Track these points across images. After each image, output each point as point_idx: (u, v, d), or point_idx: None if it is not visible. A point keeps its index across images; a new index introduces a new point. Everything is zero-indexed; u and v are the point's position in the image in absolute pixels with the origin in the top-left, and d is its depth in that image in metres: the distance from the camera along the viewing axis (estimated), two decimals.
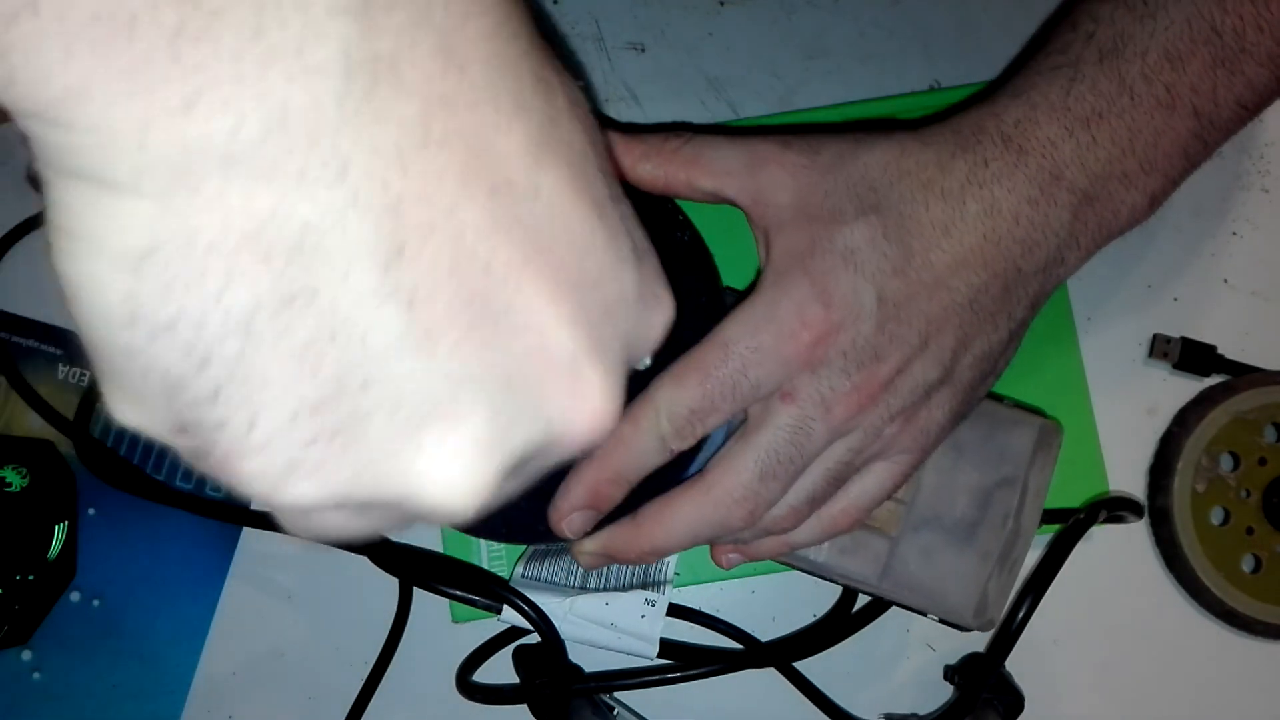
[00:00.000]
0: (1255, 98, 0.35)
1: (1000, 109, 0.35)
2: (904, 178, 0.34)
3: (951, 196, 0.33)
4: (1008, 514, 0.39)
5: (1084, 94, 0.34)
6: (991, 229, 0.33)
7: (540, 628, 0.41)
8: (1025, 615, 0.41)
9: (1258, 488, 0.45)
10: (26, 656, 0.46)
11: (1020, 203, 0.33)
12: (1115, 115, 0.34)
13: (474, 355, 0.18)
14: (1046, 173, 0.33)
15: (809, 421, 0.34)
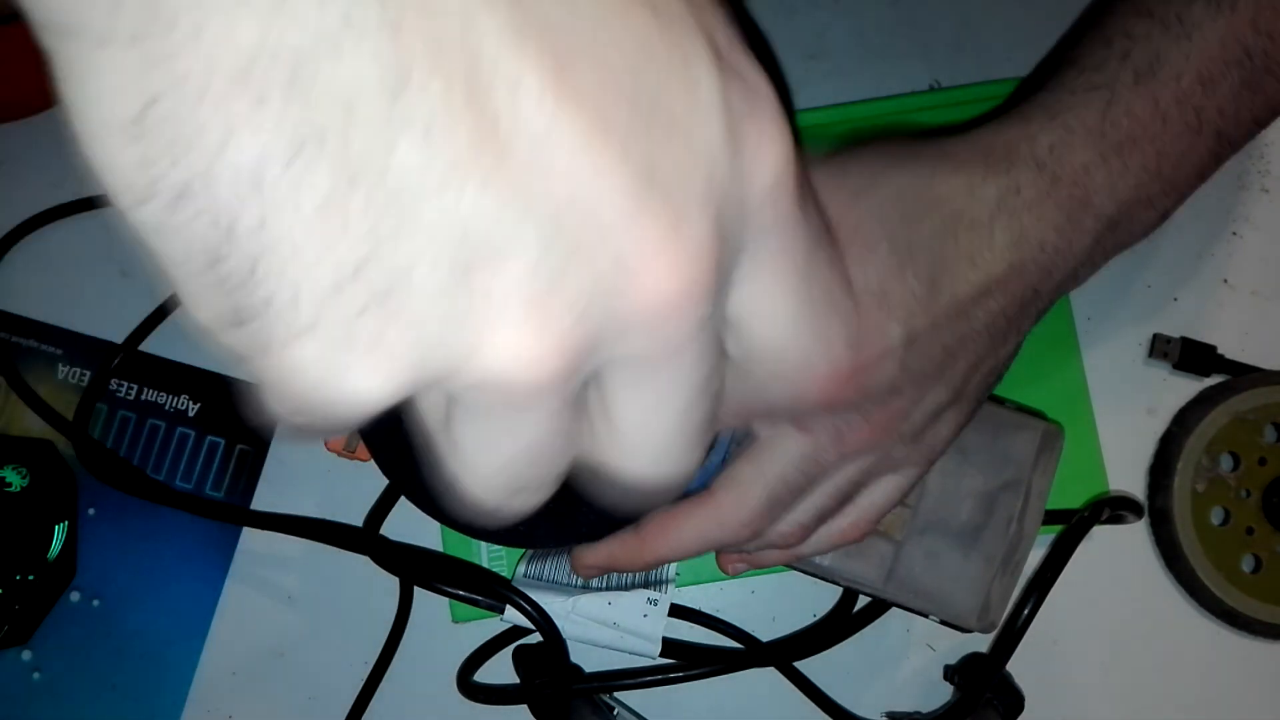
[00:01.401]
0: (1269, 115, 0.35)
1: (1035, 131, 0.34)
2: (934, 208, 0.33)
3: (980, 227, 0.33)
4: (1011, 517, 0.39)
5: (1119, 118, 0.33)
6: (1017, 258, 0.33)
7: (542, 627, 0.41)
8: (1028, 616, 0.41)
9: (1258, 488, 0.45)
10: (26, 656, 0.46)
11: (1047, 230, 0.33)
12: (1148, 141, 0.33)
13: (510, 191, 0.16)
14: (1077, 201, 0.33)
15: (821, 452, 0.34)
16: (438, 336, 0.16)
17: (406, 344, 0.16)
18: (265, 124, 0.15)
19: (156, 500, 0.45)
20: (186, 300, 0.16)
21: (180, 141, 0.15)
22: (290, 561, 0.46)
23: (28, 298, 0.48)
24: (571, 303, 0.17)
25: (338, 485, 0.46)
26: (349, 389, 0.16)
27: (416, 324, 0.16)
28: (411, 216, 0.15)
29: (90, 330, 0.47)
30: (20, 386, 0.46)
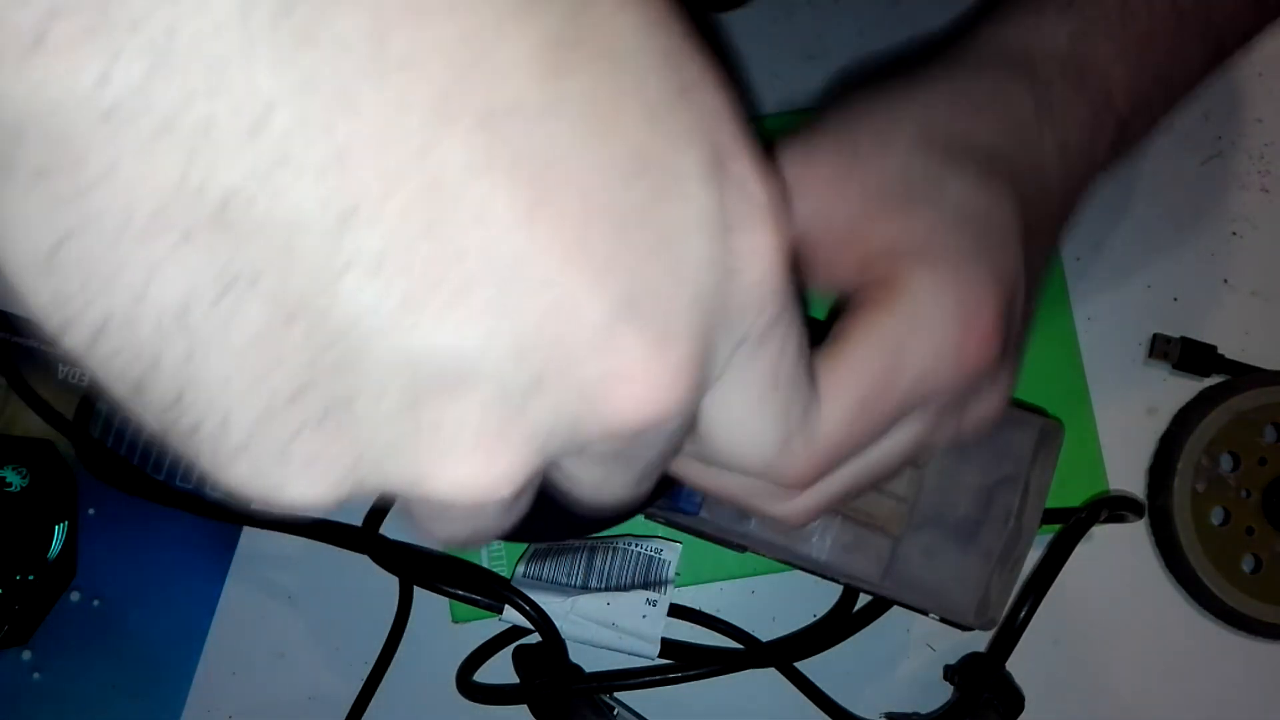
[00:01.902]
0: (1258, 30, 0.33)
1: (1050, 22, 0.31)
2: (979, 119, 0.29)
3: (1029, 129, 0.29)
4: (1009, 513, 0.39)
5: (1139, 10, 0.31)
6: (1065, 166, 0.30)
7: (542, 628, 0.41)
8: (1027, 615, 0.41)
9: (1258, 488, 0.45)
10: (26, 656, 0.46)
11: (1082, 131, 0.30)
12: (1162, 39, 0.31)
13: (471, 321, 0.15)
14: (1102, 98, 0.30)
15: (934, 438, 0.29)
16: (379, 461, 0.16)
17: (345, 463, 0.15)
18: (190, 263, 0.13)
19: (156, 500, 0.45)
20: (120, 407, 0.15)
21: (96, 280, 0.13)
22: (290, 561, 0.46)
23: None
24: (531, 433, 0.16)
25: None
26: (287, 499, 0.16)
27: (356, 447, 0.15)
28: (356, 351, 0.14)
29: None
30: (21, 386, 0.46)
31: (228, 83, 0.12)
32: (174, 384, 0.14)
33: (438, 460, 0.15)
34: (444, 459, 0.15)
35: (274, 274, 0.14)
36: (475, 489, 0.16)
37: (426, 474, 0.16)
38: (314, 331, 0.14)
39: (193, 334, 0.14)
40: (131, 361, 0.14)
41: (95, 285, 0.13)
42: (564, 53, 0.14)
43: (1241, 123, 0.48)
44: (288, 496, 0.16)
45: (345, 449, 0.15)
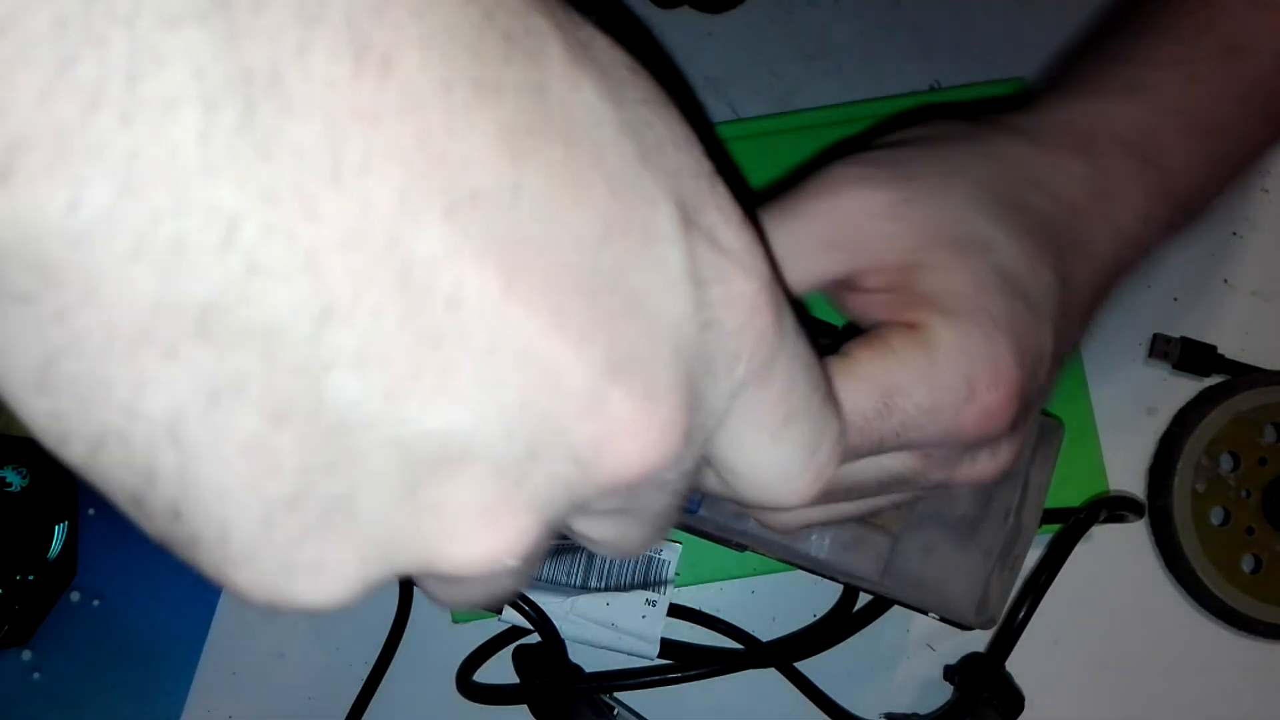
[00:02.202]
0: None
1: (1115, 106, 0.30)
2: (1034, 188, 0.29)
3: (1083, 214, 0.29)
4: (1009, 510, 0.39)
5: (1202, 99, 0.30)
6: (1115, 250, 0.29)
7: (541, 628, 0.41)
8: (1026, 615, 0.41)
9: (1258, 488, 0.45)
10: (26, 656, 0.46)
11: (1136, 218, 0.30)
12: (1227, 128, 0.30)
13: (457, 404, 0.15)
14: (1161, 190, 0.30)
15: (922, 479, 0.29)
16: (386, 552, 0.16)
17: (353, 562, 0.16)
18: (176, 376, 0.14)
19: None
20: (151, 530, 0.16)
21: (87, 397, 0.14)
22: None
23: None
24: (531, 502, 0.16)
25: None
26: (299, 605, 0.16)
27: (361, 543, 0.16)
28: (349, 448, 0.15)
29: None
30: None
31: (192, 200, 0.13)
32: (170, 496, 0.14)
33: (443, 541, 0.16)
34: (449, 539, 0.16)
35: (259, 380, 0.14)
36: (483, 562, 0.16)
37: (434, 556, 0.16)
38: (305, 433, 0.14)
39: (184, 446, 0.14)
40: (128, 475, 0.14)
41: (87, 402, 0.14)
42: (520, 139, 0.15)
43: None
44: (300, 603, 0.16)
45: (350, 548, 0.15)
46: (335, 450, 0.15)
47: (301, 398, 0.14)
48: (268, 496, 0.15)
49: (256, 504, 0.15)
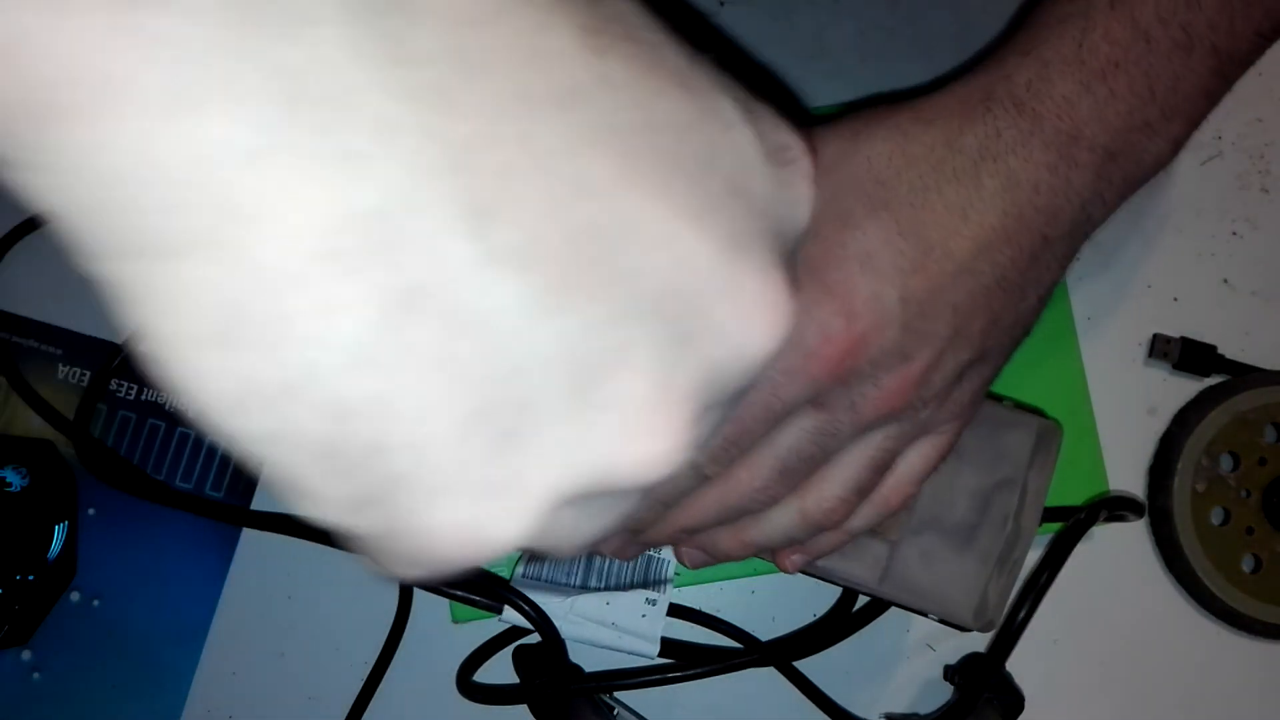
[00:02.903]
0: (1271, 26, 0.33)
1: (1009, 70, 0.33)
2: (911, 165, 0.32)
3: (965, 175, 0.32)
4: (1007, 515, 0.39)
5: (1098, 44, 0.32)
6: (1012, 203, 0.32)
7: (541, 628, 0.41)
8: (1026, 615, 0.41)
9: (1258, 488, 0.45)
10: (26, 656, 0.46)
11: (1039, 170, 0.32)
12: (1132, 64, 0.32)
13: (609, 293, 0.16)
14: (1065, 135, 0.32)
15: (835, 424, 0.33)
16: (568, 462, 0.16)
17: (542, 479, 0.16)
18: (358, 295, 0.14)
19: (156, 500, 0.45)
20: (308, 500, 0.16)
21: (272, 337, 0.14)
22: (290, 561, 0.46)
23: (28, 298, 0.48)
24: (691, 388, 0.17)
25: None
26: (493, 537, 0.16)
27: (545, 457, 0.16)
28: (522, 350, 0.15)
29: (90, 330, 0.47)
30: (20, 386, 0.46)
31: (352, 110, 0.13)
32: (365, 432, 0.15)
33: (621, 439, 0.16)
34: (625, 436, 0.16)
35: (433, 290, 0.14)
36: (661, 456, 0.17)
37: (614, 457, 0.16)
38: (481, 340, 0.15)
39: (373, 369, 0.14)
40: (318, 418, 0.14)
41: (273, 343, 0.14)
42: (595, 37, 0.16)
43: (1241, 123, 0.48)
44: (494, 533, 0.16)
45: (536, 463, 0.16)
46: (508, 359, 0.15)
47: (474, 303, 0.15)
48: (457, 413, 0.15)
49: (451, 420, 0.15)
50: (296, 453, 0.15)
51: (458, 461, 0.15)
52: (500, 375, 0.15)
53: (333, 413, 0.14)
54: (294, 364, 0.14)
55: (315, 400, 0.14)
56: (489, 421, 0.15)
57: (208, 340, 0.14)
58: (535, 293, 0.15)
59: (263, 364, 0.14)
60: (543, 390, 0.15)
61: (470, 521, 0.16)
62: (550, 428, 0.16)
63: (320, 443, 0.15)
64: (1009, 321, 0.34)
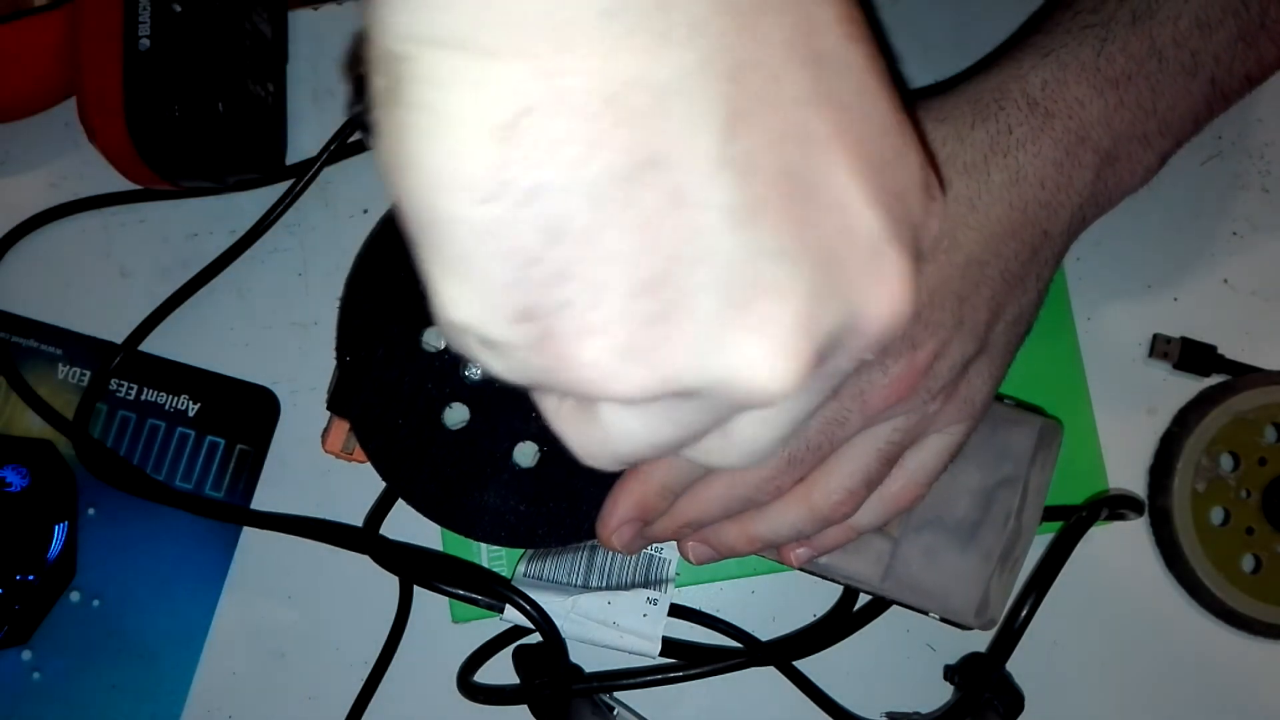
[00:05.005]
0: (1261, 74, 0.36)
1: (1026, 70, 0.34)
2: None
3: (974, 169, 0.33)
4: (1009, 513, 0.39)
5: (1115, 55, 0.34)
6: (1018, 196, 0.33)
7: (543, 628, 0.41)
8: (1027, 615, 0.41)
9: (1258, 488, 0.45)
10: (26, 656, 0.46)
11: (1046, 166, 0.33)
12: (1142, 78, 0.34)
13: (791, 231, 0.18)
14: (1073, 134, 0.33)
15: (844, 413, 0.33)
16: (702, 355, 0.18)
17: (674, 358, 0.18)
18: (619, 143, 0.16)
19: (156, 500, 0.45)
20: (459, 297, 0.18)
21: (542, 149, 0.16)
22: (290, 561, 0.46)
23: (28, 298, 0.48)
24: (821, 336, 0.19)
25: (337, 485, 0.46)
26: (609, 388, 0.18)
27: (686, 343, 0.18)
28: (710, 245, 0.17)
29: (90, 330, 0.47)
30: (20, 386, 0.46)
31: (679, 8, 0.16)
32: (565, 257, 0.17)
33: (750, 354, 0.18)
34: (755, 354, 0.18)
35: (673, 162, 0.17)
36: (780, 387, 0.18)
37: (738, 370, 0.18)
38: (687, 218, 0.17)
39: (602, 208, 0.16)
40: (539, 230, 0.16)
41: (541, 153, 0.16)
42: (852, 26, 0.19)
43: (1241, 123, 0.48)
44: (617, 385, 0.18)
45: (679, 344, 0.18)
46: (697, 248, 0.17)
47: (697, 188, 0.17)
48: (640, 274, 0.17)
49: (632, 276, 0.17)
50: (499, 252, 0.17)
51: (619, 312, 0.17)
52: (684, 258, 0.17)
53: (548, 229, 0.16)
54: (547, 178, 0.16)
55: (541, 212, 0.16)
56: (657, 293, 0.17)
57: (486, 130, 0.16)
58: (743, 202, 0.17)
59: (521, 166, 0.16)
60: (708, 286, 0.17)
61: (603, 367, 0.18)
62: (700, 322, 0.18)
63: (522, 251, 0.17)
64: (1012, 315, 0.35)
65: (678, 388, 0.18)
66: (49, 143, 0.48)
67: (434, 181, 0.16)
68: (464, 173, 0.16)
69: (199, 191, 0.47)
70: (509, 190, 0.16)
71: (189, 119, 0.42)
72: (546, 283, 0.17)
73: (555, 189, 0.16)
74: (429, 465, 0.41)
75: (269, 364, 0.47)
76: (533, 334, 0.17)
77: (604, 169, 0.16)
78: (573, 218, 0.16)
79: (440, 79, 0.16)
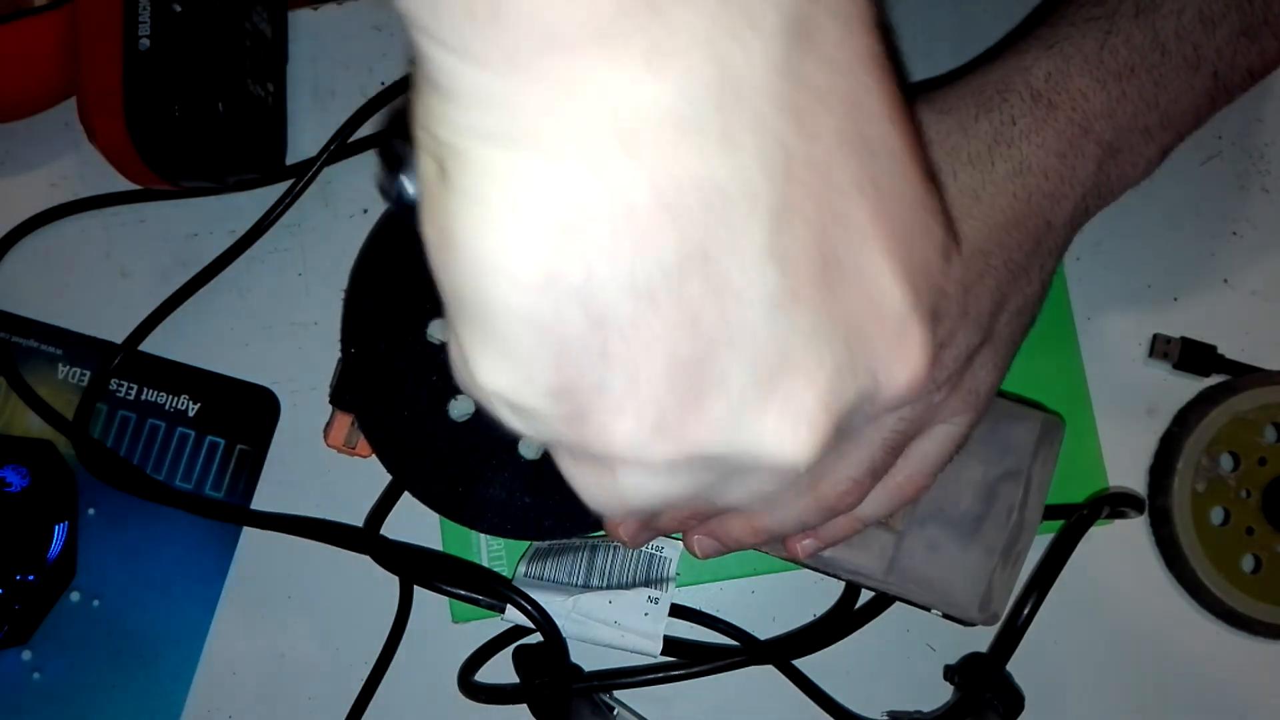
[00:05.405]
0: (1263, 69, 0.36)
1: (1029, 62, 0.35)
2: (926, 149, 0.34)
3: (979, 160, 0.34)
4: (1012, 507, 0.39)
5: (1118, 47, 0.34)
6: (1021, 187, 0.34)
7: (543, 627, 0.41)
8: (1029, 614, 0.41)
9: (1258, 488, 0.45)
10: (26, 656, 0.46)
11: (1049, 157, 0.34)
12: (1145, 71, 0.34)
13: (824, 310, 0.18)
14: (1076, 126, 0.34)
15: None
16: (728, 431, 0.18)
17: (702, 433, 0.18)
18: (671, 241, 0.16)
19: (156, 500, 0.45)
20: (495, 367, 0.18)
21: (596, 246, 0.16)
22: (290, 561, 0.46)
23: (28, 298, 0.48)
24: (841, 410, 0.19)
25: (338, 485, 0.46)
26: (636, 459, 0.18)
27: (715, 419, 0.18)
28: (751, 328, 0.17)
29: (90, 330, 0.47)
30: (20, 386, 0.46)
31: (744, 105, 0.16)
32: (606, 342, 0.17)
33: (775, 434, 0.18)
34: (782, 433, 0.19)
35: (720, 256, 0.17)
36: (799, 459, 0.19)
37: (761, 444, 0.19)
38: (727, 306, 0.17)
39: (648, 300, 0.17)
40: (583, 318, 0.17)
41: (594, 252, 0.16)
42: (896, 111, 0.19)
43: (1241, 122, 0.48)
44: (646, 456, 0.18)
45: (706, 422, 0.18)
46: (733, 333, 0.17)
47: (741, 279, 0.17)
48: (679, 354, 0.17)
49: (670, 358, 0.17)
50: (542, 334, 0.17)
51: (653, 393, 0.17)
52: (720, 343, 0.17)
53: (593, 318, 0.17)
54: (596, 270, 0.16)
55: (588, 303, 0.16)
56: (690, 374, 0.17)
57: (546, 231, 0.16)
58: (782, 292, 0.17)
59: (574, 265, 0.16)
60: (740, 368, 0.18)
61: (632, 442, 0.18)
62: (730, 400, 0.18)
63: (566, 335, 0.17)
64: (1015, 306, 0.35)
65: (702, 459, 0.19)
66: (49, 143, 0.48)
67: (482, 269, 0.17)
68: (515, 266, 0.16)
69: (199, 191, 0.47)
70: (558, 284, 0.16)
71: (189, 119, 0.42)
72: (586, 365, 0.17)
73: (605, 283, 0.16)
74: (434, 457, 0.41)
75: (269, 364, 0.47)
76: (568, 411, 0.18)
77: (654, 264, 0.16)
78: (619, 308, 0.17)
79: (497, 175, 0.16)
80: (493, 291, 0.17)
